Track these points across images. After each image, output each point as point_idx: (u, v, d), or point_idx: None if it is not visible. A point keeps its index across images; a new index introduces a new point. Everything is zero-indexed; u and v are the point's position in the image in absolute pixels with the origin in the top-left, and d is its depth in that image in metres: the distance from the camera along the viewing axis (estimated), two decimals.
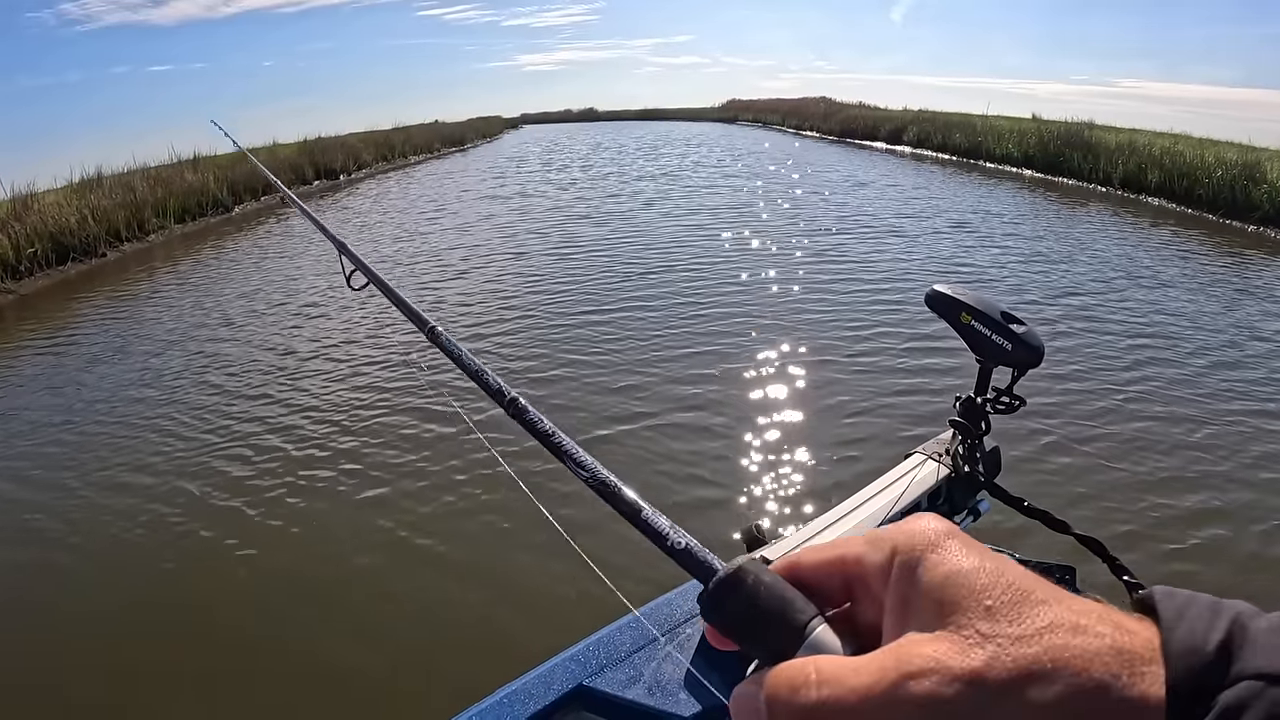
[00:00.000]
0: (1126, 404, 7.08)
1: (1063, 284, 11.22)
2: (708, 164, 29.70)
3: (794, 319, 9.13)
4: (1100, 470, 5.86)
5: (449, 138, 51.08)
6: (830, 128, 47.67)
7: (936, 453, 2.34)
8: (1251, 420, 6.84)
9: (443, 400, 7.01)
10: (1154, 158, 21.92)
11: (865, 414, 6.53)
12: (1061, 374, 7.59)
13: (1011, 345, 2.09)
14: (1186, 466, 6.00)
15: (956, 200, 19.76)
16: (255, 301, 12.10)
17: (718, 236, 14.11)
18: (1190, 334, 9.23)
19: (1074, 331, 9.10)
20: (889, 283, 10.79)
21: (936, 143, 34.69)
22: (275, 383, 8.33)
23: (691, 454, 6.03)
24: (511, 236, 15.33)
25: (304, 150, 31.67)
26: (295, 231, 18.96)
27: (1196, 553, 4.90)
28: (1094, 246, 14.30)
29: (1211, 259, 14.03)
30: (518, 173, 29.77)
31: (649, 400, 7.05)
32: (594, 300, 10.21)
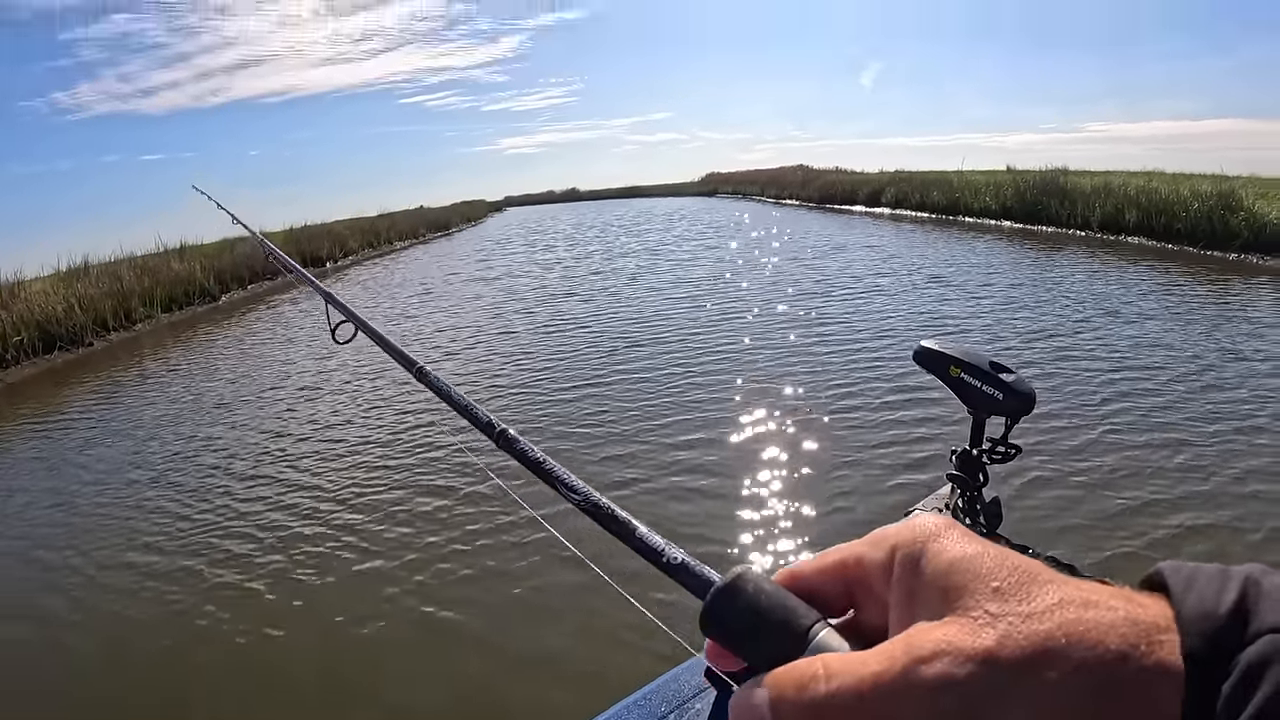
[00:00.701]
0: (1107, 435, 7.12)
1: (1040, 327, 11.33)
2: (689, 237, 30.02)
3: (779, 381, 9.13)
4: (1088, 500, 5.87)
5: (434, 223, 51.67)
6: (809, 195, 48.18)
7: (936, 508, 2.32)
8: (1231, 438, 6.94)
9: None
10: (1130, 197, 22.20)
11: (857, 470, 6.48)
12: (1042, 412, 7.52)
13: (1003, 394, 2.09)
14: (1171, 488, 6.03)
15: (935, 256, 19.97)
16: (248, 386, 12.11)
17: (702, 307, 14.17)
18: (1169, 363, 9.35)
19: (1053, 371, 9.18)
20: (871, 340, 10.85)
21: (915, 202, 35.02)
22: (273, 463, 8.30)
23: (687, 516, 6.00)
24: (499, 316, 15.38)
25: (290, 238, 31.81)
26: (285, 319, 19.08)
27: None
28: (1071, 288, 14.47)
29: (1191, 289, 14.21)
30: (503, 255, 30.00)
31: (642, 466, 7.02)
32: (583, 374, 10.22)
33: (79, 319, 16.97)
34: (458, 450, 7.76)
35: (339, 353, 13.36)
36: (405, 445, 8.25)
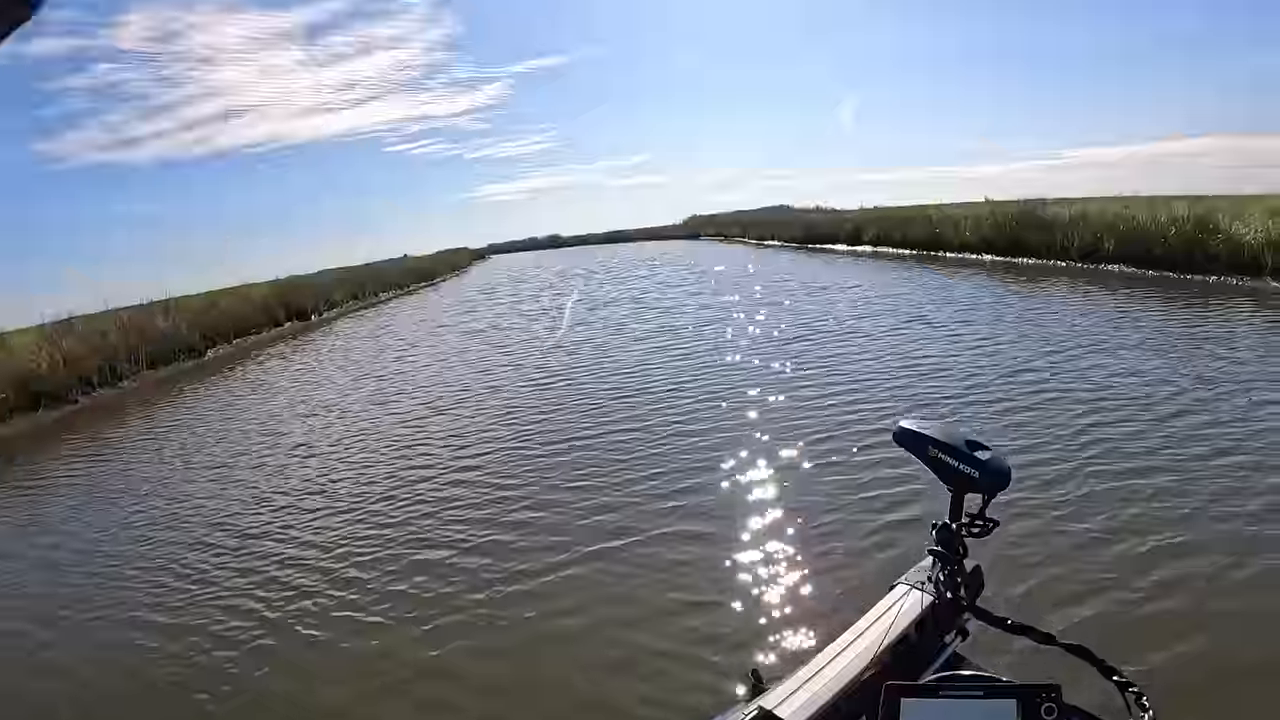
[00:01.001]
0: (1083, 468, 7.13)
1: (1019, 364, 11.34)
2: (672, 283, 30.06)
3: (762, 436, 8.98)
4: (1065, 534, 5.88)
5: (419, 273, 51.97)
6: (791, 235, 48.53)
7: (919, 581, 2.33)
8: (1208, 461, 7.02)
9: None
10: (1108, 225, 22.39)
11: (843, 537, 6.26)
12: (1020, 449, 7.66)
13: (979, 473, 2.14)
14: (1148, 514, 6.08)
15: (916, 295, 20.02)
16: (237, 445, 12.04)
17: (686, 357, 14.11)
18: (1144, 390, 9.43)
19: (1028, 407, 9.19)
20: (852, 389, 10.72)
21: (896, 239, 35.33)
22: (269, 524, 8.20)
23: (678, 577, 5.88)
24: (486, 370, 15.30)
25: (276, 291, 31.87)
26: (272, 374, 19.02)
27: (1172, 591, 4.95)
28: (1051, 321, 14.57)
29: (1168, 315, 14.37)
30: (489, 305, 29.97)
31: (631, 525, 6.89)
32: (570, 429, 10.11)
33: (63, 376, 16.91)
34: (452, 506, 7.80)
35: (327, 411, 13.37)
36: (401, 503, 8.17)
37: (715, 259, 42.01)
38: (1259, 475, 6.67)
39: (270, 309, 29.36)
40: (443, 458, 9.59)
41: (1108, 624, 4.67)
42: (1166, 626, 4.58)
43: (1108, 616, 4.74)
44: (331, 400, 14.44)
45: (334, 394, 15.07)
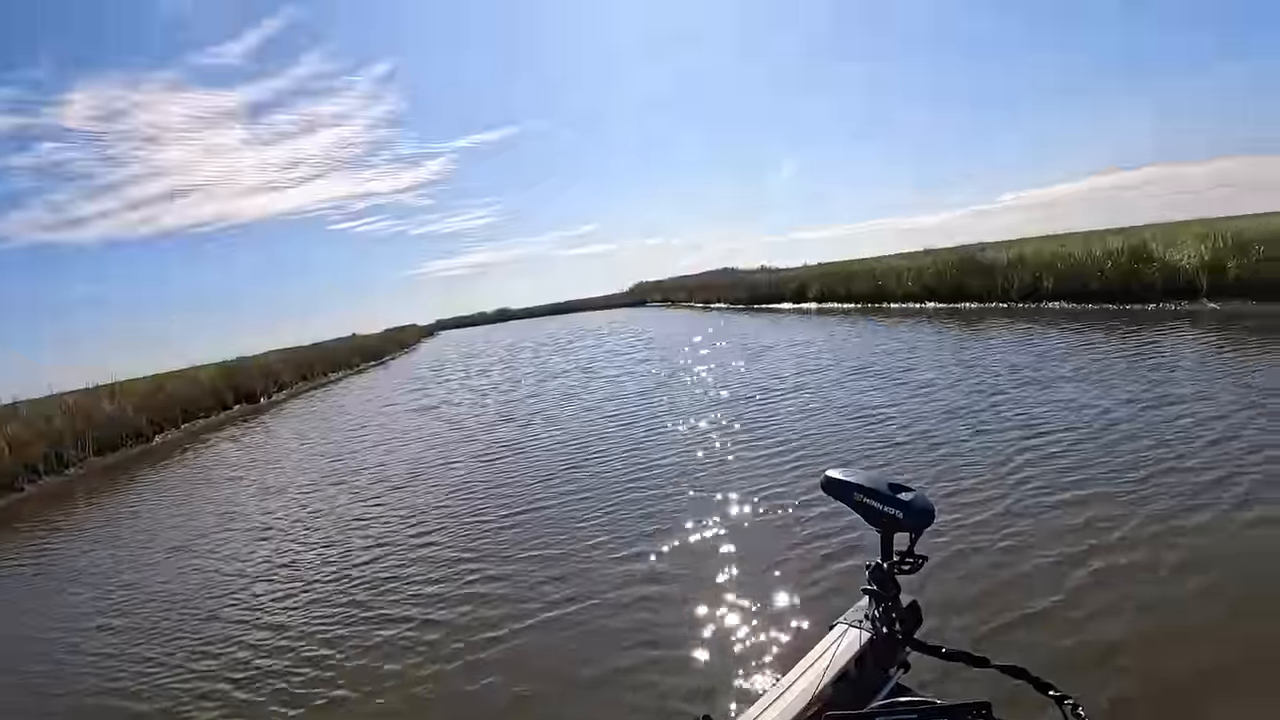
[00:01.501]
0: (1017, 498, 7.29)
1: (957, 405, 11.55)
2: (620, 351, 30.02)
3: (708, 495, 8.97)
4: (1002, 561, 6.00)
5: (367, 351, 51.70)
6: (737, 296, 49.08)
7: (857, 620, 2.46)
8: (1141, 481, 7.23)
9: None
10: (1046, 264, 22.87)
11: (783, 583, 6.32)
12: (956, 486, 7.85)
13: (903, 514, 2.26)
14: (1080, 536, 6.23)
15: (859, 348, 20.24)
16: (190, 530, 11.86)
17: (634, 423, 14.09)
18: (1078, 419, 9.71)
19: (966, 445, 9.37)
20: (795, 444, 10.75)
21: (841, 294, 35.88)
22: (231, 607, 8.03)
23: (629, 630, 5.92)
24: (438, 448, 15.05)
25: (224, 373, 31.53)
26: (223, 458, 18.72)
27: (1105, 608, 5.07)
28: (991, 362, 14.83)
29: (1106, 345, 14.79)
30: (438, 382, 29.63)
31: (585, 588, 6.88)
32: (522, 500, 9.96)
33: (9, 463, 16.61)
34: (411, 580, 7.75)
35: (281, 492, 13.22)
36: (360, 580, 8.05)
37: (662, 325, 42.31)
38: (1190, 490, 6.90)
39: (218, 392, 29.02)
40: (399, 533, 9.50)
41: (1044, 644, 4.75)
42: (1101, 642, 4.70)
43: (1044, 637, 4.84)
44: (285, 482, 14.24)
45: (287, 476, 14.86)
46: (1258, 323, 14.97)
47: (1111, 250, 20.75)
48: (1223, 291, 17.34)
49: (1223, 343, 13.62)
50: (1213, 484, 6.92)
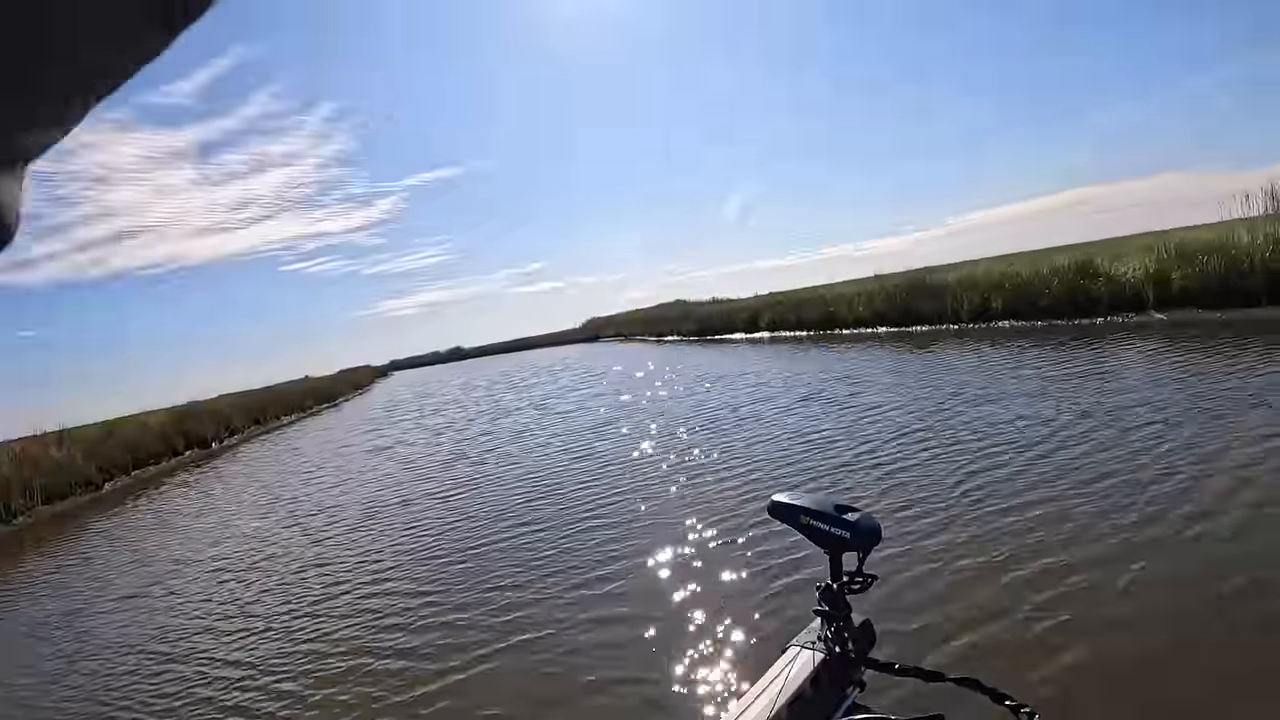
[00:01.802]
0: (966, 513, 7.39)
1: (906, 427, 11.66)
2: (573, 387, 29.93)
3: (662, 524, 9.04)
4: (955, 575, 6.07)
5: (321, 394, 51.12)
6: (689, 328, 49.26)
7: (809, 641, 2.47)
8: (1086, 488, 7.39)
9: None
10: (995, 284, 23.19)
11: (739, 603, 6.41)
12: (905, 504, 7.94)
13: (850, 534, 2.29)
14: (1029, 545, 6.34)
15: (809, 375, 20.27)
16: (146, 576, 11.67)
17: (588, 457, 14.07)
18: (1026, 432, 9.91)
19: (915, 464, 9.50)
20: (746, 469, 10.89)
21: (792, 322, 36.10)
22: (191, 648, 7.97)
23: (593, 662, 5.88)
24: (393, 486, 14.91)
25: (175, 419, 31.05)
26: (175, 504, 18.36)
27: (1057, 615, 5.14)
28: (940, 382, 15.02)
29: (1054, 359, 15.06)
30: (393, 423, 29.32)
31: (542, 620, 6.88)
32: (478, 537, 9.90)
33: None
34: (369, 621, 7.66)
35: (237, 537, 13.06)
36: (319, 619, 7.98)
37: (615, 359, 42.13)
38: (1134, 495, 7.05)
39: (169, 437, 28.53)
40: (356, 573, 9.42)
41: (997, 656, 4.78)
42: (1054, 649, 4.75)
43: (997, 649, 4.88)
44: (239, 526, 14.02)
45: (241, 519, 14.64)
46: (1203, 330, 15.33)
47: (1058, 267, 21.11)
48: (1169, 302, 17.79)
49: (1166, 351, 13.93)
50: (1161, 491, 7.04)
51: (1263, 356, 11.88)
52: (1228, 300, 16.38)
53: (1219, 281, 16.56)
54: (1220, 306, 16.49)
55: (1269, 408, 9.08)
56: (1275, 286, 15.53)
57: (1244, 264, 16.16)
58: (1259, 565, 5.36)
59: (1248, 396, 9.78)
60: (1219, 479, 7.09)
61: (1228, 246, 16.74)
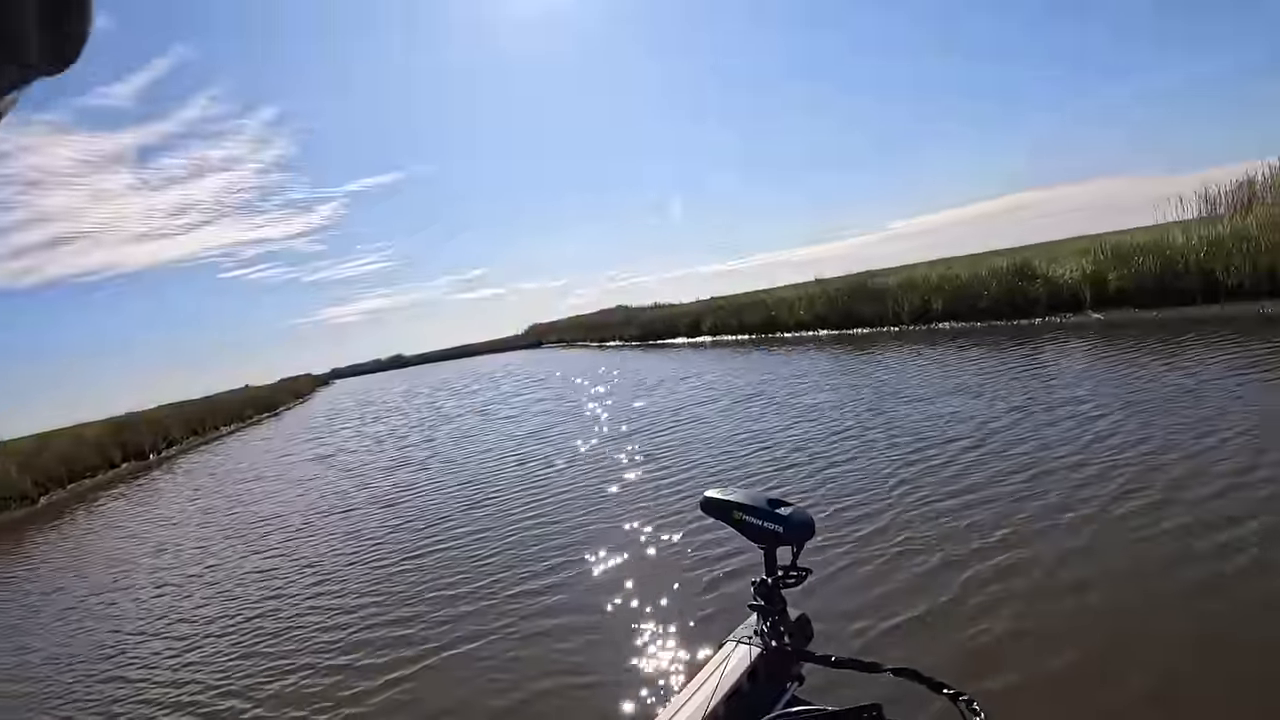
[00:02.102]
0: (900, 505, 7.59)
1: (838, 425, 11.87)
2: (515, 393, 29.80)
3: (603, 527, 9.09)
4: (887, 573, 6.13)
5: (261, 403, 50.47)
6: (631, 334, 49.21)
7: (746, 636, 2.46)
8: (1015, 489, 7.48)
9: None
10: (935, 286, 23.46)
11: (676, 600, 6.53)
12: (840, 498, 8.12)
13: (783, 528, 2.27)
14: (962, 536, 6.51)
15: (749, 378, 20.38)
16: (84, 590, 11.42)
17: (528, 461, 14.09)
18: (959, 428, 10.21)
19: (850, 460, 9.69)
20: (685, 468, 11.06)
21: (734, 326, 36.31)
22: (132, 662, 7.76)
23: (532, 664, 5.91)
24: (335, 494, 14.73)
25: (111, 430, 30.39)
26: (114, 517, 17.94)
27: (992, 602, 5.28)
28: (877, 382, 15.26)
29: (992, 359, 15.41)
30: (334, 431, 29.01)
31: (486, 622, 6.92)
32: (421, 542, 9.91)
33: None
34: (311, 628, 7.62)
35: (177, 548, 12.85)
36: (259, 629, 7.91)
37: (557, 365, 41.99)
38: (1062, 485, 7.31)
39: (106, 449, 27.90)
40: (298, 582, 9.36)
41: (934, 645, 4.89)
42: (988, 638, 4.88)
43: (933, 638, 5.00)
44: (179, 537, 13.80)
45: (181, 531, 14.39)
46: (1138, 329, 15.74)
47: (996, 269, 21.47)
48: (1106, 302, 18.26)
49: (1101, 349, 14.41)
50: (1089, 482, 7.26)
51: (1194, 353, 12.26)
52: (1163, 299, 16.87)
53: (1154, 281, 17.06)
54: (1156, 306, 16.98)
55: (1198, 400, 9.38)
56: (1209, 286, 16.01)
57: (1179, 264, 16.63)
58: (1184, 545, 5.57)
59: (1177, 390, 10.10)
60: (1143, 464, 7.41)
61: (1163, 247, 17.22)
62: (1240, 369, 10.64)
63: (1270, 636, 4.34)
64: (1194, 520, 5.95)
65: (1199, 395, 9.64)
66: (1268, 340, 12.23)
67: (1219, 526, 5.76)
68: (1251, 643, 4.31)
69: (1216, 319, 14.98)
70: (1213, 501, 6.28)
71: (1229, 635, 4.41)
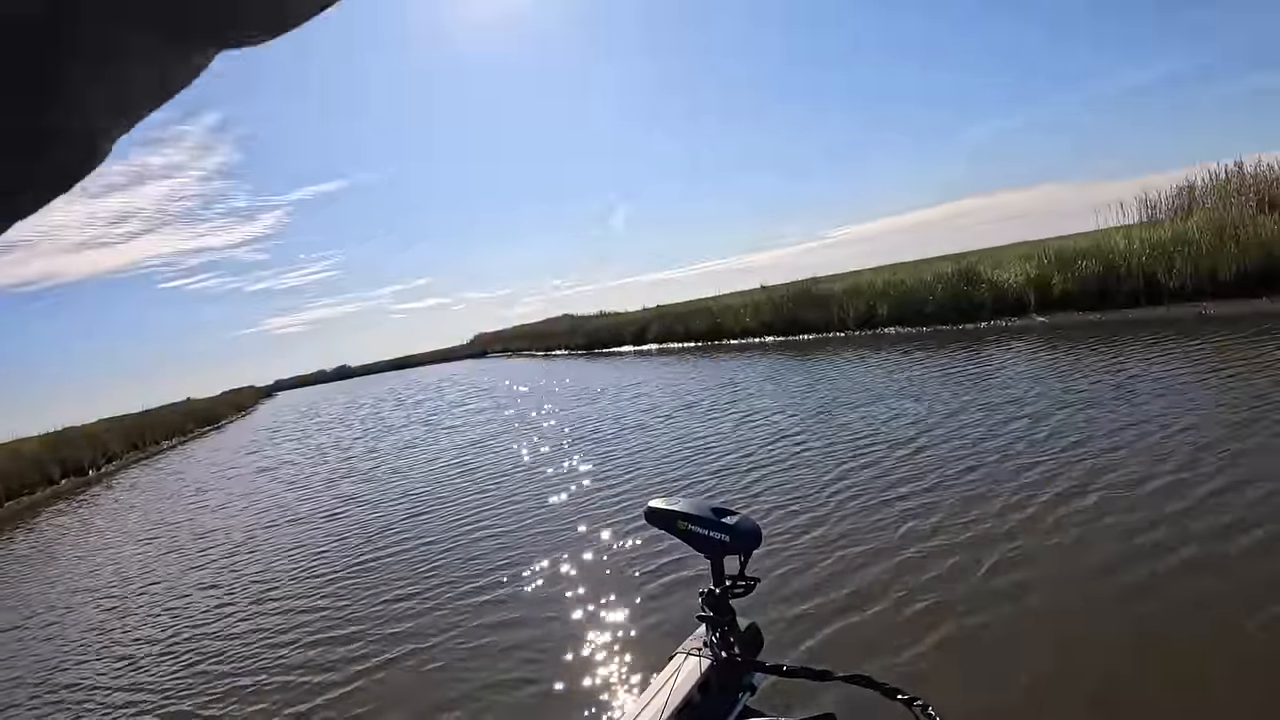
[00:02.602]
0: (840, 510, 7.68)
1: (780, 429, 12.03)
2: (459, 403, 29.76)
3: (544, 532, 9.19)
4: (833, 579, 6.15)
5: (202, 416, 49.44)
6: (577, 343, 49.23)
7: (695, 648, 2.41)
8: (954, 489, 7.66)
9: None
10: (880, 292, 23.62)
11: (620, 612, 6.50)
12: (781, 505, 8.18)
13: (729, 537, 2.24)
14: (903, 538, 6.62)
15: (692, 384, 20.59)
16: (22, 611, 11.15)
17: (474, 470, 14.08)
18: (900, 431, 10.40)
19: (790, 466, 9.78)
20: (627, 478, 11.08)
21: (680, 333, 36.36)
22: (78, 686, 7.54)
23: (474, 673, 5.93)
24: (278, 507, 14.60)
25: (48, 445, 29.75)
26: (54, 537, 17.58)
27: (938, 605, 5.32)
28: (817, 387, 15.55)
29: (935, 363, 15.74)
30: (277, 444, 28.67)
31: (430, 629, 6.96)
32: (366, 551, 9.94)
33: None
34: (259, 640, 7.56)
35: (118, 565, 12.60)
36: (205, 643, 7.83)
37: (503, 375, 41.73)
38: (1000, 484, 7.51)
39: (43, 465, 27.16)
40: (243, 594, 9.29)
41: (883, 646, 4.92)
42: (934, 635, 4.94)
43: (882, 642, 5.00)
44: (121, 555, 13.49)
45: (123, 548, 14.10)
46: (1081, 330, 16.10)
47: (942, 274, 21.68)
48: (1050, 305, 18.60)
49: (1043, 351, 14.71)
50: (1030, 480, 7.44)
51: (1136, 353, 12.56)
52: (1106, 302, 17.23)
53: (1097, 284, 17.43)
54: (1098, 308, 17.33)
55: (1135, 400, 9.64)
56: (1151, 288, 16.36)
57: (1120, 268, 16.96)
58: (1120, 542, 5.70)
59: (1114, 389, 10.40)
60: (1083, 464, 7.56)
61: (1105, 251, 17.55)
62: (1180, 369, 10.93)
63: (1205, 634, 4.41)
64: (1133, 520, 6.05)
65: (1135, 394, 9.91)
66: (1208, 339, 12.60)
67: (1157, 524, 5.87)
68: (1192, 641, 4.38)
69: (1160, 320, 15.35)
70: (1149, 500, 6.41)
71: (1166, 635, 4.48)
